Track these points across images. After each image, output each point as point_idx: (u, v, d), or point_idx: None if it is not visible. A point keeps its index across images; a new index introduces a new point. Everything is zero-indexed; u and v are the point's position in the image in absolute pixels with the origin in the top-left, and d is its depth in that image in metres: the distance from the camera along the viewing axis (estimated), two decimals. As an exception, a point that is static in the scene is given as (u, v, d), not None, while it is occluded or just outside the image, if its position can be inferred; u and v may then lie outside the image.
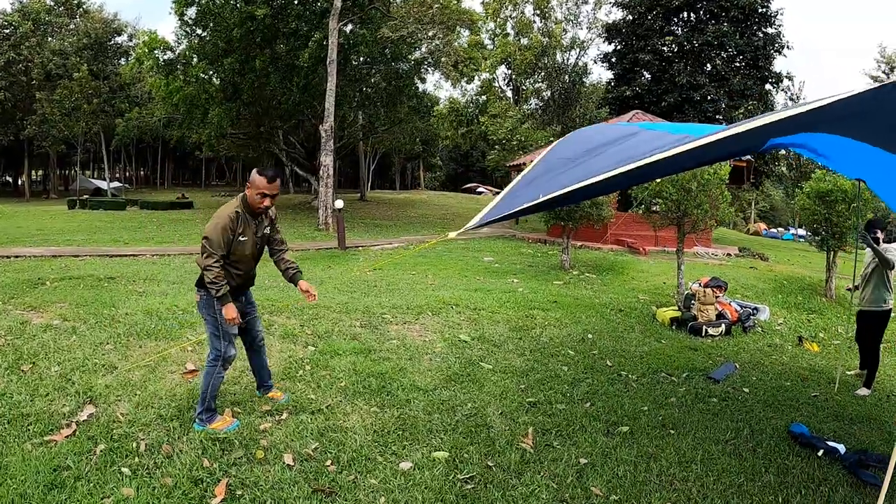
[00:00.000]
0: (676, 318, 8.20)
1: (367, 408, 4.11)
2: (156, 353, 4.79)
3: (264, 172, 3.62)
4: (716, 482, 3.49)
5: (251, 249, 3.74)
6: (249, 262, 3.78)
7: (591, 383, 5.19)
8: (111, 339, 5.04)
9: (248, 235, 3.67)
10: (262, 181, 3.58)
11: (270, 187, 3.61)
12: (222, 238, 3.54)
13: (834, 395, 5.74)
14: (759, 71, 25.77)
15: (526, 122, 35.22)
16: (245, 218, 3.66)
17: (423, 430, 3.87)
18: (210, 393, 3.62)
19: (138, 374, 4.33)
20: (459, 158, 72.46)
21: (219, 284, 3.51)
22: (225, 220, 3.56)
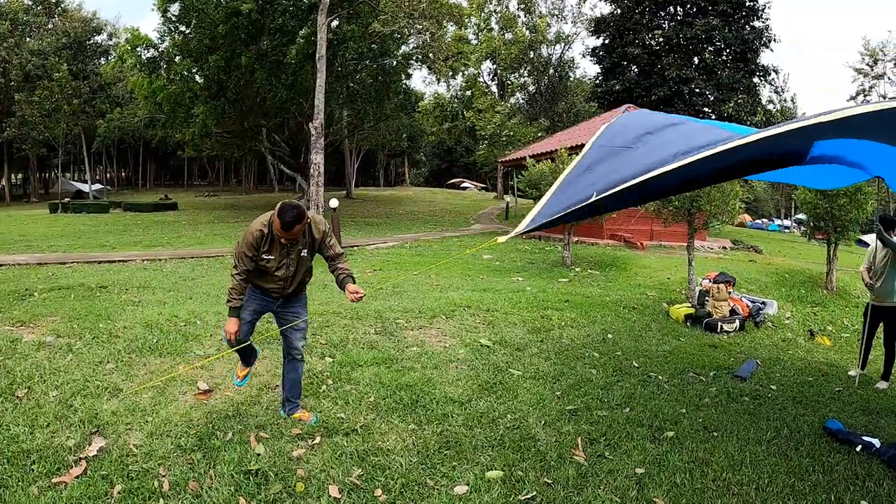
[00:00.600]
0: (691, 314, 8.08)
1: (403, 425, 3.83)
2: (163, 371, 4.43)
3: (283, 215, 3.32)
4: (769, 484, 3.43)
5: (282, 270, 3.55)
6: (282, 278, 3.59)
7: (623, 386, 5.06)
8: (111, 357, 4.61)
9: (274, 255, 3.51)
10: (278, 224, 3.34)
11: (285, 235, 3.38)
12: (245, 254, 3.45)
13: (856, 389, 5.73)
14: (747, 64, 25.79)
15: (514, 116, 35.07)
16: (271, 238, 3.47)
17: (469, 447, 3.62)
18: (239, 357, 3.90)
19: (146, 396, 3.95)
20: (443, 154, 72.39)
21: (232, 296, 3.48)
22: (249, 238, 3.45)
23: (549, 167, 12.83)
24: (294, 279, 3.62)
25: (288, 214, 3.30)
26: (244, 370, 3.96)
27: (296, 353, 3.82)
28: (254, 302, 3.69)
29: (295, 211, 3.31)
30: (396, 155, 60.06)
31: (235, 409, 3.86)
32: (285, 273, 3.55)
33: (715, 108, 24.71)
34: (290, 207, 3.32)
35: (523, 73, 39.63)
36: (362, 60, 23.70)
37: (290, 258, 3.52)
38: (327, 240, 3.64)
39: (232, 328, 3.50)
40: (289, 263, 3.53)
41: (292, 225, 3.31)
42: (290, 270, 3.56)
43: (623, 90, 26.81)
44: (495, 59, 39.06)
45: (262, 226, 3.44)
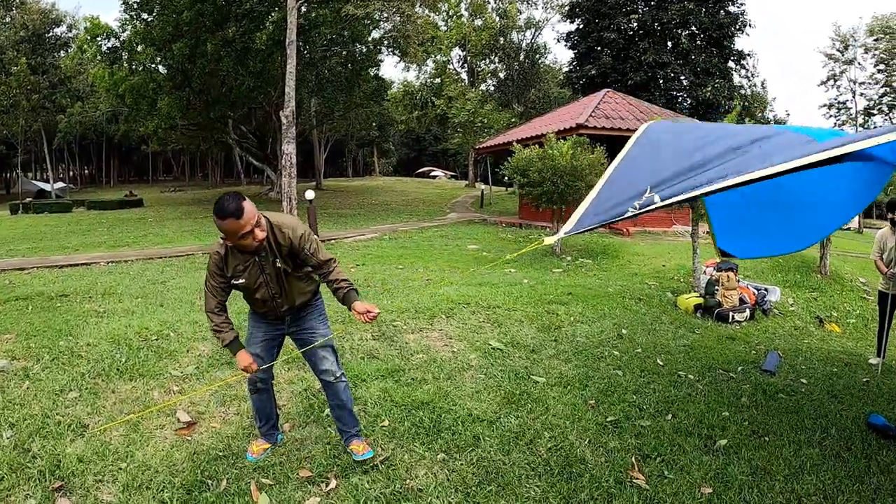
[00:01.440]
0: (700, 304, 7.73)
1: (430, 455, 3.27)
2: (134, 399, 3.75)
3: (224, 211, 2.67)
4: (836, 491, 3.23)
5: (261, 290, 2.96)
6: (266, 299, 2.99)
7: (656, 389, 4.66)
8: (74, 384, 3.89)
9: (244, 276, 2.91)
10: (233, 222, 2.68)
11: (224, 225, 2.69)
12: (209, 282, 2.94)
13: (882, 379, 5.58)
14: (722, 49, 25.69)
15: (487, 103, 34.52)
16: (235, 257, 2.88)
17: (513, 477, 3.10)
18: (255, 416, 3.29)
19: (117, 434, 3.28)
20: (411, 143, 71.73)
21: (220, 334, 2.98)
22: (210, 264, 2.93)
23: (538, 153, 12.33)
24: (284, 297, 3.01)
25: (218, 205, 2.67)
26: (262, 445, 3.22)
27: (327, 377, 3.18)
28: (258, 330, 3.12)
29: (229, 201, 2.66)
30: (365, 144, 59.02)
31: (226, 445, 3.23)
32: (266, 293, 2.95)
33: (691, 93, 24.56)
34: (223, 198, 2.70)
35: (494, 59, 39.07)
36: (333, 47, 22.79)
37: (266, 274, 2.90)
38: (305, 246, 2.93)
39: (244, 360, 2.96)
40: (266, 280, 2.92)
41: (224, 215, 2.64)
42: (273, 289, 2.95)
43: (598, 75, 26.48)
44: (465, 45, 38.39)
45: (219, 245, 2.88)
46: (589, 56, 27.91)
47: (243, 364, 2.95)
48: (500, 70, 39.99)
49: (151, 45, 22.37)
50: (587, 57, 27.99)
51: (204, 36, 21.00)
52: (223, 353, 4.55)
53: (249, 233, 2.70)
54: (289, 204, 14.39)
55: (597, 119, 16.96)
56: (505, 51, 37.23)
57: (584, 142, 12.33)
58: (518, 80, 38.01)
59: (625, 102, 19.40)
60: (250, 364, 2.95)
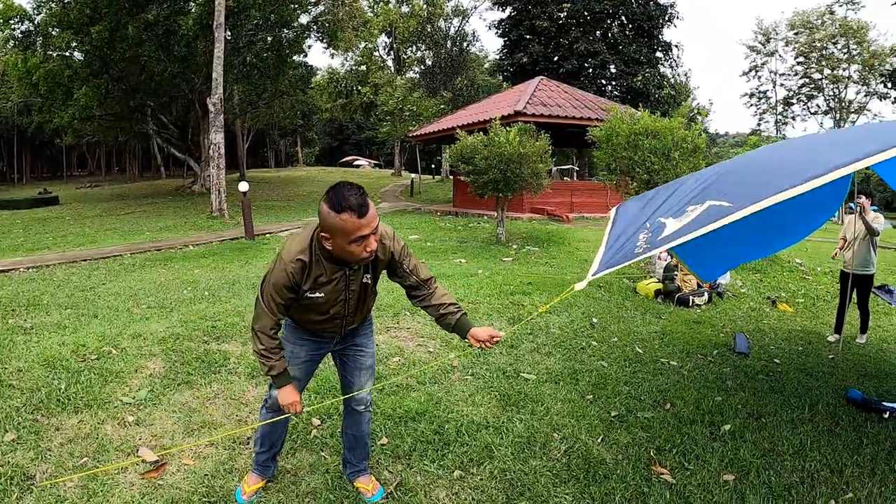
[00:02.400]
0: (660, 290, 7.72)
1: (444, 473, 2.93)
2: (85, 436, 3.14)
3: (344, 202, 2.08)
4: (839, 464, 3.33)
5: (337, 307, 2.41)
6: (338, 316, 2.46)
7: (645, 378, 4.62)
8: (9, 422, 3.17)
9: (324, 291, 2.32)
10: (352, 219, 2.08)
11: (364, 224, 2.10)
12: (275, 300, 2.30)
13: (846, 355, 5.83)
14: (652, 40, 26.40)
15: (416, 90, 34.02)
16: (320, 265, 2.29)
17: (540, 488, 2.85)
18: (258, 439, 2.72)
19: (73, 486, 2.66)
20: (334, 132, 70.26)
21: (268, 361, 2.36)
22: (281, 277, 2.25)
23: (482, 139, 12.06)
24: (356, 315, 2.51)
25: (354, 195, 2.08)
26: (256, 483, 2.70)
27: (358, 405, 2.71)
28: (301, 348, 2.55)
29: (353, 191, 2.10)
30: (288, 134, 57.09)
31: (207, 487, 2.68)
32: (342, 310, 2.43)
33: (621, 82, 25.10)
34: (344, 187, 2.11)
35: (421, 46, 38.55)
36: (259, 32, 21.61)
37: (351, 290, 2.38)
38: (405, 261, 2.45)
39: (290, 397, 2.39)
40: (348, 298, 2.40)
41: (366, 207, 2.09)
42: (351, 306, 2.44)
43: (530, 62, 26.57)
44: (392, 32, 37.66)
45: (301, 252, 2.25)
46: (520, 44, 27.95)
47: (288, 401, 2.38)
48: (427, 57, 39.52)
49: (68, 29, 20.55)
50: (518, 45, 28.03)
51: (124, 19, 19.47)
52: (178, 371, 3.98)
53: (366, 237, 2.13)
54: (217, 197, 13.51)
55: (534, 106, 16.93)
56: (433, 38, 36.78)
57: (530, 129, 12.18)
58: (446, 67, 37.70)
59: (560, 90, 19.51)
60: (296, 403, 2.40)
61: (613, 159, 8.00)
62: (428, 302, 2.50)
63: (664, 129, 7.25)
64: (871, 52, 36.35)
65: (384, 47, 40.67)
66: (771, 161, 2.90)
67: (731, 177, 2.68)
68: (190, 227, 15.14)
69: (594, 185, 21.55)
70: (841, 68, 38.08)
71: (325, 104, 42.80)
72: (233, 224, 15.46)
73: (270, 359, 2.34)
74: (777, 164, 2.74)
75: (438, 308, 2.48)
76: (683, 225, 2.25)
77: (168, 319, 5.22)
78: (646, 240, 2.32)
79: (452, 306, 2.48)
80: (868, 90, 38.21)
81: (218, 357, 4.29)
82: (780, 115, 43.02)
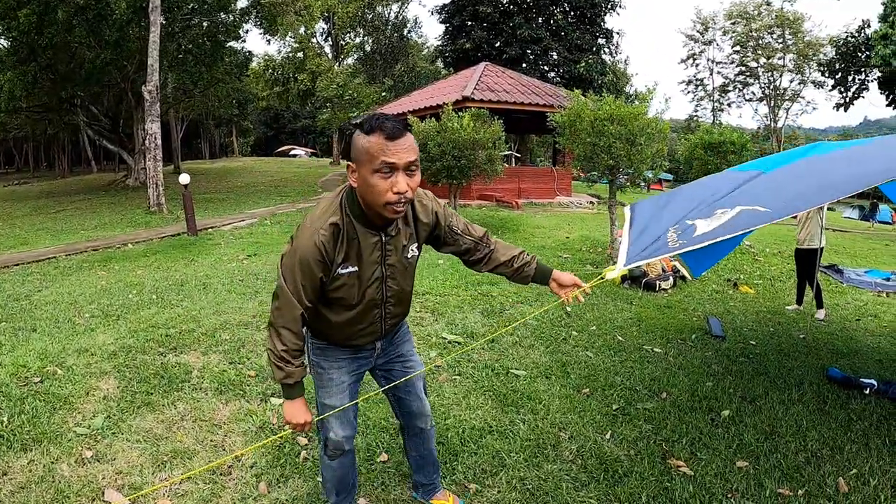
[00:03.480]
0: (626, 275, 7.67)
1: (459, 488, 2.70)
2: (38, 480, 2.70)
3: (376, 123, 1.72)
4: (837, 442, 3.39)
5: (373, 287, 1.97)
6: (381, 303, 2.03)
7: (633, 367, 4.52)
8: None
9: (357, 264, 1.90)
10: (380, 140, 1.69)
11: (396, 149, 1.71)
12: (300, 283, 1.84)
13: (815, 335, 5.91)
14: (594, 27, 26.62)
15: (357, 77, 33.24)
16: (351, 234, 1.87)
17: (563, 495, 2.68)
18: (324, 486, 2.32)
19: None
20: (270, 121, 68.39)
21: (287, 366, 1.91)
22: (310, 248, 1.81)
23: (435, 126, 11.76)
24: (396, 303, 2.07)
25: (390, 120, 1.73)
26: None
27: (420, 423, 2.33)
28: (341, 371, 2.11)
29: (399, 121, 1.75)
30: (223, 123, 54.90)
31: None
32: (379, 294, 1.98)
33: (565, 69, 25.20)
34: (378, 115, 1.76)
35: (360, 32, 37.69)
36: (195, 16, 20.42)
37: (388, 265, 1.95)
38: (452, 221, 2.10)
39: (300, 414, 1.97)
40: (385, 275, 1.96)
41: (400, 133, 1.71)
42: (390, 288, 2.00)
43: (473, 48, 26.33)
44: (330, 18, 36.59)
45: (332, 213, 1.83)
46: (462, 30, 27.64)
47: (299, 420, 1.96)
48: (366, 44, 38.69)
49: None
50: (461, 31, 27.71)
51: (54, 2, 17.96)
52: (136, 390, 3.53)
53: (394, 169, 1.71)
54: (155, 191, 12.66)
55: (482, 92, 16.73)
56: (373, 24, 36.00)
57: (483, 114, 11.96)
58: (386, 54, 37.02)
59: (505, 76, 19.39)
60: (304, 424, 1.98)
61: (577, 145, 7.87)
62: (494, 261, 2.14)
63: (629, 115, 7.17)
64: (806, 42, 38.20)
65: (322, 33, 39.51)
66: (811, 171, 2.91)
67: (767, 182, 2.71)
68: (127, 224, 14.17)
69: (541, 170, 21.67)
70: (776, 57, 39.86)
71: (261, 92, 41.21)
72: (172, 219, 14.58)
73: (291, 363, 1.90)
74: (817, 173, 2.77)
75: (510, 263, 2.14)
76: (717, 226, 2.20)
77: (115, 329, 4.71)
78: (677, 237, 2.25)
79: (524, 254, 2.16)
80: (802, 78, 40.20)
81: (178, 371, 3.86)
82: (717, 101, 44.73)
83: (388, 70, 37.66)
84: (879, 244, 15.56)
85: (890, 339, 5.91)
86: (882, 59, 23.64)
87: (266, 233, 12.35)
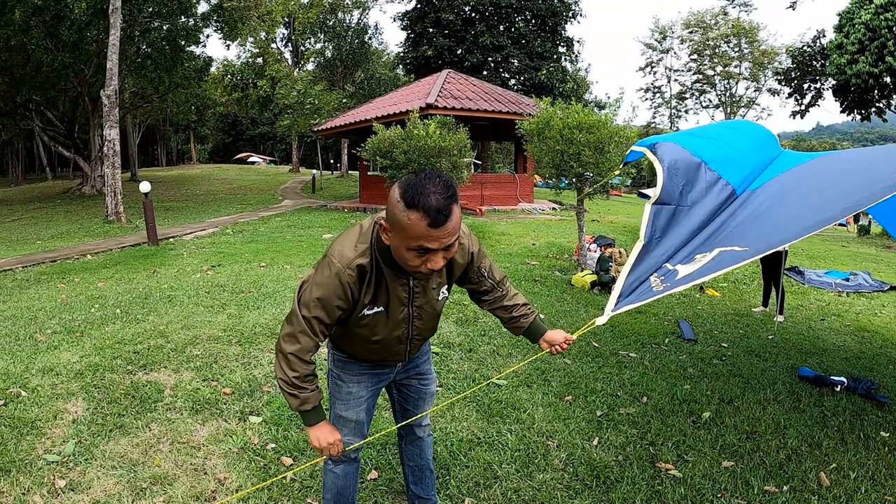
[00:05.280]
0: (596, 281, 7.78)
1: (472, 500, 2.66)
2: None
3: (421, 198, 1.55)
4: (820, 440, 3.49)
5: (401, 328, 1.93)
6: (407, 338, 1.99)
7: (611, 372, 4.57)
8: None
9: (383, 305, 1.85)
10: (421, 224, 1.56)
11: (438, 235, 1.59)
12: (318, 318, 1.78)
13: (782, 335, 6.08)
14: (555, 35, 27.02)
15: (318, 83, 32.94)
16: (379, 274, 1.80)
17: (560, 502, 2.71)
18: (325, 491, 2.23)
19: None
20: (228, 128, 67.26)
21: (301, 392, 1.84)
22: (334, 287, 1.74)
23: (400, 133, 11.74)
24: (423, 338, 2.06)
25: (437, 192, 1.56)
26: None
27: (422, 432, 2.34)
28: (361, 386, 2.08)
29: (446, 188, 1.59)
30: (181, 130, 53.63)
31: None
32: (405, 331, 1.95)
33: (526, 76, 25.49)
34: (433, 178, 1.60)
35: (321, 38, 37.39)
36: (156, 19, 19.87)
37: (416, 306, 1.91)
38: (483, 262, 2.06)
39: (325, 437, 1.90)
40: (415, 315, 1.92)
41: (446, 216, 1.57)
42: (416, 326, 1.96)
43: (435, 55, 26.40)
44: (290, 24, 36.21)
45: (361, 255, 1.75)
46: (424, 37, 27.69)
47: (328, 441, 1.90)
48: (326, 49, 38.37)
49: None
50: (422, 38, 27.76)
51: (10, 2, 17.25)
52: (106, 412, 3.36)
53: (431, 252, 1.62)
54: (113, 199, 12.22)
55: (445, 99, 16.76)
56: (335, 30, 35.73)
57: (449, 122, 11.99)
58: (347, 60, 36.78)
59: (468, 83, 19.49)
60: (338, 443, 1.93)
61: (545, 153, 7.94)
62: (500, 304, 2.14)
63: (598, 123, 7.28)
64: (762, 50, 39.57)
65: (282, 39, 39.05)
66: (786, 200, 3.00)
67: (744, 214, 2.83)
68: (85, 234, 13.64)
69: (504, 177, 21.80)
70: (733, 65, 41.18)
71: (219, 98, 40.41)
72: (131, 228, 14.12)
73: (304, 389, 1.83)
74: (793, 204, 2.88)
75: (511, 310, 2.14)
76: (696, 270, 2.34)
77: (80, 346, 4.50)
78: (661, 281, 2.35)
79: (525, 307, 2.16)
80: (758, 86, 41.66)
81: (150, 390, 3.70)
82: (674, 108, 45.95)
83: (349, 77, 37.45)
84: (836, 245, 16.22)
85: (854, 337, 6.15)
86: (837, 68, 24.66)
87: (229, 242, 12.06)
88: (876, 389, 4.35)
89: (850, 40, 24.01)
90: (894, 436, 3.60)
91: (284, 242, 11.62)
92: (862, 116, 28.05)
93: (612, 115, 7.55)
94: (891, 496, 2.87)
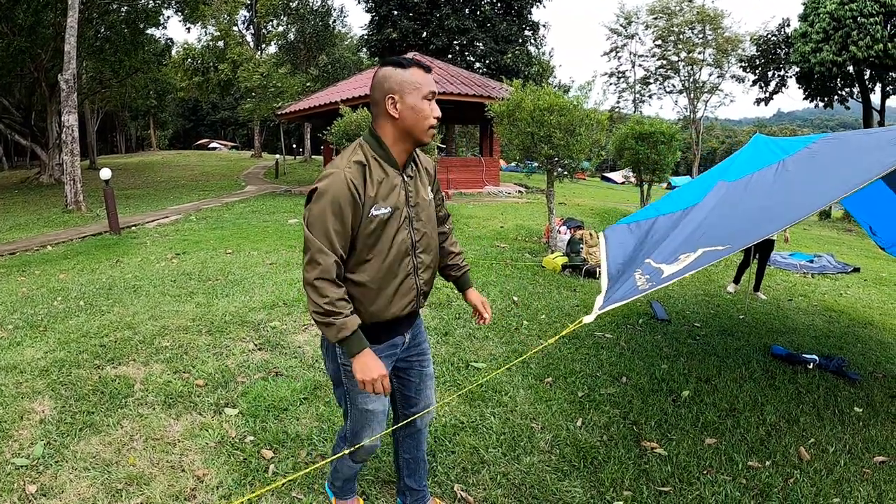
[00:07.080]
0: (567, 263, 7.81)
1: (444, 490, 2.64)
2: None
3: (408, 59, 1.86)
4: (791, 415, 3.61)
5: (402, 231, 1.89)
6: (399, 260, 1.90)
7: (588, 354, 4.60)
8: None
9: (391, 203, 1.85)
10: (420, 72, 1.84)
11: (432, 80, 1.88)
12: (332, 226, 1.75)
13: (752, 315, 6.21)
14: (521, 19, 26.90)
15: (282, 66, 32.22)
16: (379, 171, 1.85)
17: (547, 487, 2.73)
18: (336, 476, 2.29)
19: None
20: (188, 113, 65.60)
21: (338, 317, 1.74)
22: (339, 186, 1.75)
23: (366, 116, 11.55)
24: (426, 250, 1.99)
25: (406, 57, 1.92)
26: None
27: (420, 423, 2.23)
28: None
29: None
30: (140, 116, 51.99)
31: None
32: (408, 236, 1.91)
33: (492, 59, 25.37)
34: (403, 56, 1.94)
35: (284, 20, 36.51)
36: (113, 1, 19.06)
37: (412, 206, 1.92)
38: (437, 183, 2.14)
39: (374, 368, 1.79)
40: (413, 215, 1.92)
41: (428, 66, 1.89)
42: (420, 229, 1.95)
43: (400, 38, 26.04)
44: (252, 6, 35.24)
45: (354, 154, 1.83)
46: (389, 19, 27.27)
47: (374, 374, 1.78)
48: (289, 32, 37.52)
49: None
50: (387, 20, 27.32)
51: None
52: (75, 410, 3.21)
53: (434, 96, 1.88)
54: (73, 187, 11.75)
55: (413, 82, 16.57)
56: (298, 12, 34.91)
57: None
58: (310, 43, 36.04)
59: (434, 66, 19.29)
60: (381, 377, 1.80)
61: (515, 135, 7.91)
62: (447, 240, 2.21)
63: (569, 106, 7.27)
64: (726, 37, 40.08)
65: (243, 21, 38.02)
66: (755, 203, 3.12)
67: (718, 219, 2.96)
68: (44, 224, 13.11)
69: (470, 160, 21.77)
70: (697, 52, 41.64)
71: (179, 82, 39.22)
72: (92, 217, 13.63)
73: (340, 314, 1.73)
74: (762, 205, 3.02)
75: (453, 255, 2.23)
76: (680, 268, 2.45)
77: (44, 342, 4.32)
78: (646, 280, 2.46)
79: (461, 256, 2.26)
80: (721, 72, 42.25)
81: (119, 385, 3.56)
82: (638, 93, 46.38)
83: (312, 60, 36.74)
84: (798, 228, 16.67)
85: (821, 317, 6.33)
86: (801, 56, 25.17)
87: (193, 229, 11.75)
88: (847, 367, 4.49)
89: (814, 29, 24.52)
90: (867, 411, 3.73)
91: (250, 228, 11.39)
92: (825, 104, 28.79)
93: (584, 98, 7.54)
94: (868, 468, 2.96)
